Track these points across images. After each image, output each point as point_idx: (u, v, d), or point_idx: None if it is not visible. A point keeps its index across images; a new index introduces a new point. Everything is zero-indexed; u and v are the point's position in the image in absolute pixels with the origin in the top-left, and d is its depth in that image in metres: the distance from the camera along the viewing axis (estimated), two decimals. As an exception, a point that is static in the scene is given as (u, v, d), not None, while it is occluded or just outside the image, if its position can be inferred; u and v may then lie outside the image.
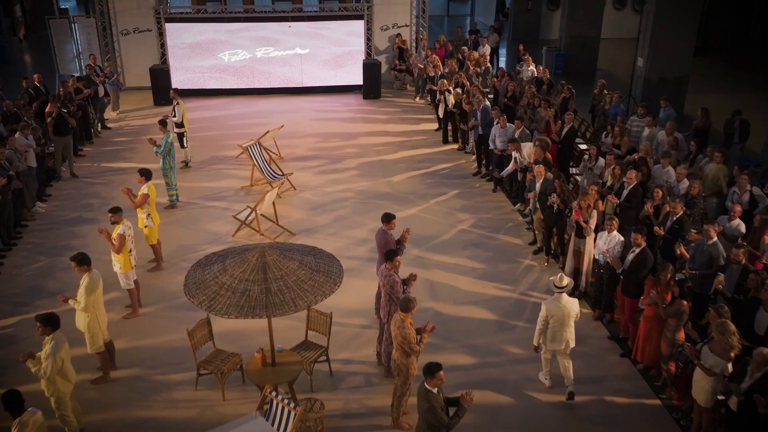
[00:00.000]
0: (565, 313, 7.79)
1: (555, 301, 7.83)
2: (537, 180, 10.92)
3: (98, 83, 16.53)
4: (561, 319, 7.81)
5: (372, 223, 12.31)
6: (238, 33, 19.42)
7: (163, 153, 12.42)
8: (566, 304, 7.81)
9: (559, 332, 7.87)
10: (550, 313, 7.82)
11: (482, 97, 14.52)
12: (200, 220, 12.53)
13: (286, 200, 13.29)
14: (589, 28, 22.43)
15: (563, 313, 7.79)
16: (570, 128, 13.33)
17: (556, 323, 7.83)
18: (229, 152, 15.60)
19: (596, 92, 15.74)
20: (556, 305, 7.81)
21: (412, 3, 20.74)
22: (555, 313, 7.80)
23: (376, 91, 19.73)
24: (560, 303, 7.80)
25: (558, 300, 7.81)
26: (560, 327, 7.84)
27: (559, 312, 7.79)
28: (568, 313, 7.80)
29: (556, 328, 7.85)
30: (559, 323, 7.82)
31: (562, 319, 7.81)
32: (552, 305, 7.82)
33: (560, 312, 7.79)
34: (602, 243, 9.18)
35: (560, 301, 7.80)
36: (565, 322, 7.82)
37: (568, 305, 7.81)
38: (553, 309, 7.81)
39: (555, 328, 7.85)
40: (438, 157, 15.63)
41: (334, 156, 15.55)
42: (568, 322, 7.84)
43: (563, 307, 7.79)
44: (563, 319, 7.81)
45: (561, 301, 7.80)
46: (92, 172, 14.64)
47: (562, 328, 7.85)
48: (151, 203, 10.42)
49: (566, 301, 7.82)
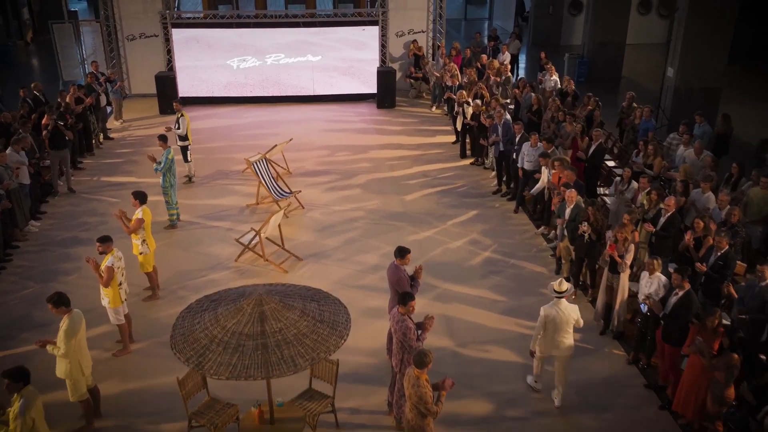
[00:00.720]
0: (564, 319, 7.67)
1: (554, 306, 7.70)
2: (567, 205, 10.01)
3: (100, 92, 15.79)
4: (559, 324, 7.68)
5: (384, 246, 11.48)
6: (247, 39, 18.63)
7: (164, 170, 11.65)
8: (565, 309, 7.68)
9: (558, 338, 7.74)
10: (548, 318, 7.69)
11: (503, 110, 13.61)
12: (201, 242, 11.75)
13: (293, 220, 12.48)
14: (614, 34, 21.42)
15: (561, 319, 7.66)
16: (598, 146, 12.41)
17: (554, 329, 7.71)
18: (234, 166, 14.82)
19: (625, 105, 14.80)
20: (555, 310, 7.67)
21: (428, 8, 19.87)
22: (553, 318, 7.67)
23: (391, 100, 18.87)
24: (559, 308, 7.68)
25: (557, 305, 7.69)
26: (558, 332, 7.72)
27: (558, 317, 7.66)
28: (567, 319, 7.68)
29: (554, 334, 7.73)
30: (557, 329, 7.70)
31: (561, 325, 7.68)
32: (551, 310, 7.69)
33: (559, 317, 7.66)
34: (644, 285, 8.26)
35: (559, 307, 7.68)
36: (563, 327, 7.71)
37: (567, 311, 7.69)
38: (552, 314, 7.68)
39: (553, 334, 7.74)
40: (455, 172, 14.74)
41: (344, 171, 14.72)
42: (566, 328, 7.73)
43: (562, 312, 7.66)
44: (561, 325, 7.69)
45: (560, 306, 7.68)
46: (91, 187, 13.90)
47: (560, 333, 7.72)
48: (146, 228, 9.65)
49: (565, 307, 7.69)
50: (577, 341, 9.16)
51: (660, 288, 8.13)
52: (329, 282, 10.44)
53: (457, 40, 27.82)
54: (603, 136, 12.91)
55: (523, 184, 12.61)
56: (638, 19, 26.03)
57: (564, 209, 10.08)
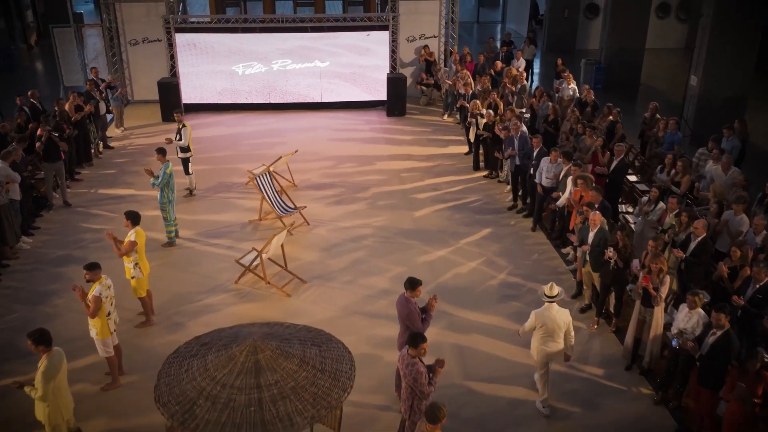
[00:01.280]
0: (555, 324, 7.54)
1: (545, 311, 7.58)
2: (591, 229, 9.30)
3: (99, 99, 15.21)
4: (551, 330, 7.57)
5: (393, 268, 10.83)
6: (253, 44, 18.02)
7: (161, 185, 11.04)
8: (556, 314, 7.55)
9: (550, 342, 7.63)
10: (539, 323, 7.59)
11: (520, 122, 12.91)
12: (200, 262, 11.13)
13: (297, 237, 11.85)
14: (633, 39, 20.66)
15: (553, 325, 7.54)
16: (620, 161, 11.68)
17: (546, 334, 7.60)
18: (238, 177, 14.20)
19: (647, 116, 14.05)
20: (546, 315, 7.56)
21: (440, 12, 19.20)
22: (544, 323, 7.56)
23: (401, 107, 18.20)
24: (550, 313, 7.55)
25: (548, 310, 7.57)
26: (550, 337, 7.61)
27: (549, 322, 7.54)
28: (558, 324, 7.55)
29: (546, 339, 7.62)
30: (549, 334, 7.59)
31: (552, 330, 7.57)
32: (541, 315, 7.58)
33: (550, 323, 7.53)
34: (680, 320, 7.56)
35: (550, 312, 7.56)
36: (555, 332, 7.59)
37: (558, 316, 7.56)
38: (542, 319, 7.56)
39: (545, 339, 7.62)
40: (468, 186, 14.06)
41: (352, 183, 14.06)
42: (558, 333, 7.61)
43: (553, 318, 7.54)
44: (553, 330, 7.57)
45: (551, 311, 7.56)
46: (88, 200, 13.31)
47: (552, 338, 7.61)
48: (139, 251, 9.03)
49: (556, 312, 7.57)
50: (600, 377, 8.52)
51: (698, 325, 7.42)
52: (334, 308, 9.80)
53: (470, 44, 27.15)
54: (625, 150, 12.15)
55: (541, 201, 11.93)
56: (656, 23, 25.24)
57: (587, 233, 9.37)
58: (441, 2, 19.19)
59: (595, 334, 9.31)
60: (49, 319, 9.49)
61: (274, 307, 9.91)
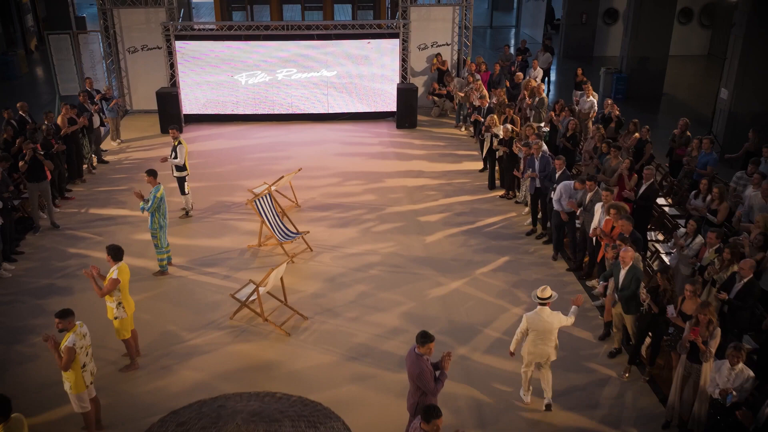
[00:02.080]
0: (547, 327, 7.45)
1: (536, 315, 7.46)
2: (622, 266, 8.35)
3: (93, 112, 14.40)
4: (542, 333, 7.48)
5: (403, 302, 9.93)
6: (257, 52, 17.15)
7: (152, 210, 10.19)
8: (548, 318, 7.45)
9: (541, 345, 7.55)
10: (530, 327, 7.50)
11: (541, 141, 11.98)
12: (193, 293, 10.26)
13: (299, 266, 10.97)
14: (656, 47, 19.66)
15: (544, 327, 7.46)
16: (650, 186, 10.73)
17: (537, 337, 7.51)
18: (238, 196, 13.35)
19: (677, 132, 13.08)
20: (538, 318, 7.45)
21: (453, 18, 18.29)
22: (536, 327, 7.47)
23: (412, 119, 17.30)
24: (542, 316, 7.44)
25: (539, 313, 7.45)
26: (542, 340, 7.53)
27: (541, 326, 7.45)
28: (550, 327, 7.47)
29: (537, 342, 7.54)
30: (541, 337, 7.50)
31: (544, 333, 7.49)
32: (533, 318, 7.47)
33: (542, 326, 7.45)
34: (723, 379, 6.62)
35: (542, 315, 7.44)
36: (546, 336, 7.50)
37: (550, 319, 7.45)
38: (535, 322, 7.46)
39: (536, 342, 7.54)
40: (483, 207, 13.14)
41: (359, 204, 13.18)
42: (550, 336, 7.53)
43: (545, 321, 7.43)
44: (545, 334, 7.49)
45: (543, 314, 7.44)
46: (77, 221, 12.49)
47: (543, 341, 7.53)
48: (123, 289, 8.18)
49: (548, 315, 7.45)
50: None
51: (747, 382, 6.49)
52: (338, 351, 8.91)
53: (482, 50, 26.30)
54: (655, 173, 11.17)
55: (562, 228, 10.99)
56: (678, 29, 24.21)
57: (618, 271, 8.43)
58: (454, 8, 18.30)
59: (626, 384, 8.37)
60: (26, 360, 8.69)
61: (272, 347, 9.03)
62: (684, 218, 11.37)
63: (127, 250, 11.24)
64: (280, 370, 8.60)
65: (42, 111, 15.12)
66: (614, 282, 8.47)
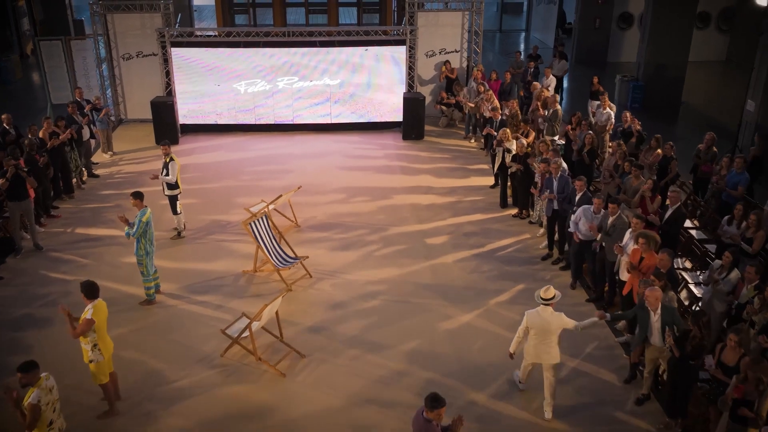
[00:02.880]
0: (546, 327, 7.36)
1: (537, 314, 7.39)
2: (650, 308, 7.51)
3: (82, 124, 13.64)
4: (542, 333, 7.40)
5: (409, 339, 9.12)
6: (257, 59, 16.37)
7: (137, 235, 9.41)
8: (549, 317, 7.35)
9: (541, 345, 7.45)
10: (530, 325, 7.43)
11: (561, 159, 11.14)
12: (182, 326, 9.47)
13: (297, 294, 10.17)
14: (674, 53, 18.75)
15: (545, 327, 7.37)
16: (677, 210, 9.89)
17: (537, 337, 7.43)
18: (234, 215, 12.56)
19: (702, 148, 12.22)
20: (539, 318, 7.37)
21: (463, 24, 17.46)
22: (536, 326, 7.40)
23: (419, 130, 16.48)
24: (543, 316, 7.36)
25: (540, 313, 7.37)
26: (542, 341, 7.43)
27: (541, 325, 7.37)
28: (549, 327, 7.36)
29: (537, 342, 7.45)
30: (541, 337, 7.42)
31: (544, 334, 7.40)
32: (534, 317, 7.41)
33: (542, 325, 7.37)
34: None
35: (542, 315, 7.36)
36: (547, 336, 7.40)
37: (551, 319, 7.35)
38: (535, 321, 7.39)
39: (536, 342, 7.46)
40: (495, 227, 12.32)
41: (362, 223, 12.37)
42: (550, 337, 7.41)
43: (546, 320, 7.34)
44: (545, 334, 7.39)
45: (543, 314, 7.36)
46: (62, 242, 11.72)
47: (543, 341, 7.43)
48: (99, 329, 7.40)
49: (549, 314, 7.35)
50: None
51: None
52: (337, 396, 8.11)
53: (492, 54, 25.46)
54: (683, 196, 10.31)
55: (580, 254, 10.16)
56: (695, 33, 23.24)
57: (646, 314, 7.57)
58: (463, 13, 17.47)
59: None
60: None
61: (266, 390, 8.24)
62: (713, 242, 10.56)
63: (115, 273, 10.68)
64: (273, 417, 7.81)
65: (35, 118, 14.48)
66: (641, 327, 7.62)
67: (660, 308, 7.41)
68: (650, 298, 7.42)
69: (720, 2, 23.62)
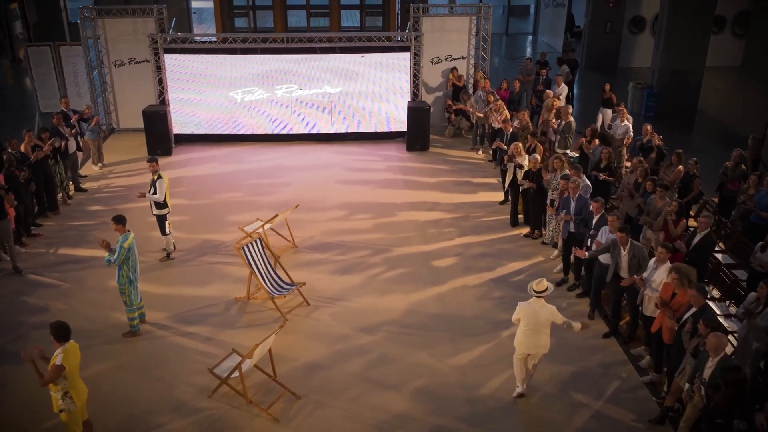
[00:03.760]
0: (538, 319, 7.46)
1: (529, 306, 7.49)
2: (711, 355, 6.62)
3: (68, 136, 12.91)
4: (534, 324, 7.50)
5: (414, 378, 8.37)
6: (254, 66, 15.63)
7: (118, 262, 8.66)
8: (540, 310, 7.46)
9: (533, 337, 7.54)
10: (522, 317, 7.53)
11: (579, 179, 10.35)
12: (167, 361, 8.70)
13: (293, 324, 9.40)
14: (690, 60, 17.94)
15: (536, 320, 7.47)
16: (706, 236, 9.10)
17: (529, 328, 7.51)
18: (227, 234, 11.82)
19: (729, 165, 11.46)
20: (531, 309, 7.47)
21: (470, 30, 16.70)
22: (527, 317, 7.49)
23: (424, 141, 15.71)
24: (534, 308, 7.46)
25: (532, 305, 7.48)
26: (533, 332, 7.51)
27: (533, 317, 7.46)
28: (540, 320, 7.46)
29: (529, 333, 7.52)
30: (532, 328, 7.51)
31: (536, 325, 7.50)
32: (526, 309, 7.51)
33: (534, 317, 7.46)
34: None
35: (534, 306, 7.46)
36: (538, 328, 7.51)
37: (542, 311, 7.45)
38: (527, 313, 7.48)
39: (528, 333, 7.53)
40: (506, 248, 11.55)
41: (363, 243, 11.61)
42: (542, 329, 7.53)
43: (537, 313, 7.45)
44: (537, 326, 7.50)
45: (535, 306, 7.46)
46: (44, 264, 10.98)
47: (535, 333, 7.52)
48: (71, 375, 6.66)
49: (540, 307, 7.46)
50: None
51: None
52: (335, 446, 7.35)
53: (498, 58, 24.69)
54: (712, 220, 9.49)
55: (600, 281, 9.38)
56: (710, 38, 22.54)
57: (705, 357, 6.77)
58: (471, 18, 16.70)
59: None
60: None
61: (257, 437, 7.49)
62: (742, 268, 9.79)
63: (98, 299, 9.93)
64: (264, 471, 7.06)
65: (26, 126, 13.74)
66: (693, 371, 6.83)
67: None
68: (720, 346, 6.56)
69: (735, 6, 22.82)
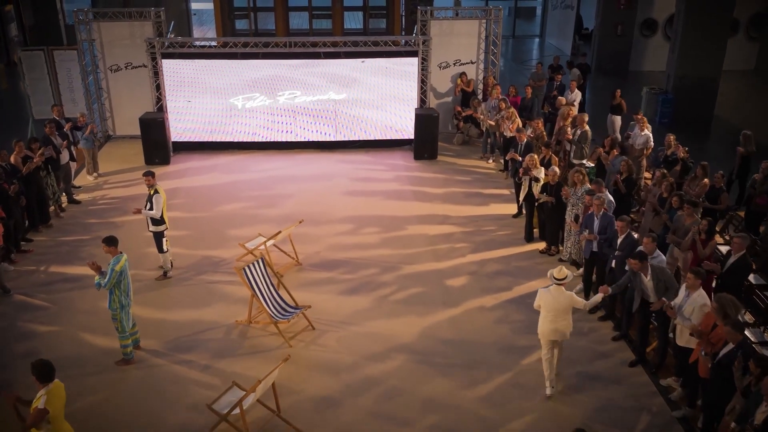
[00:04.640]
0: (558, 306, 7.51)
1: (549, 293, 7.56)
2: (766, 399, 5.97)
3: (61, 146, 12.31)
4: (554, 311, 7.54)
5: (426, 414, 7.75)
6: (255, 72, 15.03)
7: (109, 286, 8.05)
8: (559, 296, 7.50)
9: (554, 324, 7.57)
10: (542, 304, 7.61)
11: (603, 192, 9.73)
12: (162, 394, 8.09)
13: (298, 351, 8.79)
14: (707, 64, 17.33)
15: (556, 307, 7.51)
16: (740, 258, 8.47)
17: (549, 314, 7.57)
18: (228, 250, 11.22)
19: (758, 177, 10.84)
20: (551, 297, 7.53)
21: (480, 33, 16.10)
22: (547, 304, 7.55)
23: (431, 149, 15.10)
24: (554, 295, 7.52)
25: (552, 292, 7.54)
26: (554, 319, 7.56)
27: (553, 304, 7.51)
28: (559, 306, 7.51)
29: (550, 319, 7.57)
30: (552, 315, 7.56)
31: (556, 312, 7.54)
32: (545, 296, 7.58)
33: (554, 304, 7.51)
34: None
35: (553, 293, 7.52)
36: (560, 314, 7.55)
37: (561, 298, 7.50)
38: (547, 300, 7.55)
39: (549, 319, 7.58)
40: (522, 265, 10.94)
41: (371, 260, 11.01)
42: (563, 315, 7.57)
43: (556, 299, 7.49)
44: (557, 312, 7.54)
45: (555, 293, 7.52)
46: (34, 283, 10.37)
47: (555, 320, 7.56)
48: (54, 419, 6.05)
49: (560, 294, 7.51)
50: None
51: None
52: (345, 494, 6.74)
53: (504, 61, 24.07)
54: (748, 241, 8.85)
55: (628, 306, 8.76)
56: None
57: (758, 399, 6.16)
58: (480, 21, 16.10)
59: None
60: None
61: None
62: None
63: (90, 323, 9.30)
64: None
65: (20, 132, 13.19)
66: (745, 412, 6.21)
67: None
68: (766, 388, 5.94)
69: (750, 8, 22.20)
